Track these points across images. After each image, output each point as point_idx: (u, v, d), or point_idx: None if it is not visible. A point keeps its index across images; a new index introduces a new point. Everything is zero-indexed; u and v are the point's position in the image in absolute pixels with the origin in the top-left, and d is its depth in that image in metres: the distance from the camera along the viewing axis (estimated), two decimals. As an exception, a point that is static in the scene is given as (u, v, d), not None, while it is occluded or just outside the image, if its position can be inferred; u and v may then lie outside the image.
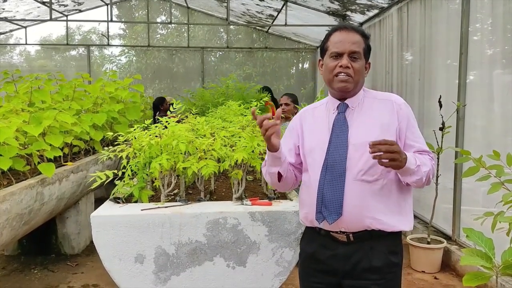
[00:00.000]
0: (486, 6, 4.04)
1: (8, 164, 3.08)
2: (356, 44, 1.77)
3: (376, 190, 1.74)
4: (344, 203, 1.73)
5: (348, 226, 1.76)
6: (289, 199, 3.03)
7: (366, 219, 1.74)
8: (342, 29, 1.81)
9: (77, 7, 9.14)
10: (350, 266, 1.78)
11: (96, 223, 2.63)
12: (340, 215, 1.74)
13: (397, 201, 1.78)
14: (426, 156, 1.79)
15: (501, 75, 3.84)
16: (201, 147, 2.92)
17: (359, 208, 1.73)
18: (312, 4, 7.12)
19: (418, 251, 4.16)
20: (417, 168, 1.67)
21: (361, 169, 1.74)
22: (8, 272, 4.15)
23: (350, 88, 1.79)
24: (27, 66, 9.84)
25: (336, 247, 1.81)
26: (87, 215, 4.76)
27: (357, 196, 1.73)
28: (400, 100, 1.84)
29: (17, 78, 4.83)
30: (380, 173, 1.73)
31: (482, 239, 2.36)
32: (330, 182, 1.75)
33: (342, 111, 1.84)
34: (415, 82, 5.35)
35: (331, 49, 1.80)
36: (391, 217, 1.76)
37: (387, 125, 1.77)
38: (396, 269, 1.83)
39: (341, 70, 1.76)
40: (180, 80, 10.05)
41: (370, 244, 1.77)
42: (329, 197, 1.75)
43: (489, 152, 2.44)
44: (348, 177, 1.74)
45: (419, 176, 1.68)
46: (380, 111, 1.81)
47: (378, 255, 1.77)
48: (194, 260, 2.68)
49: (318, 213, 1.79)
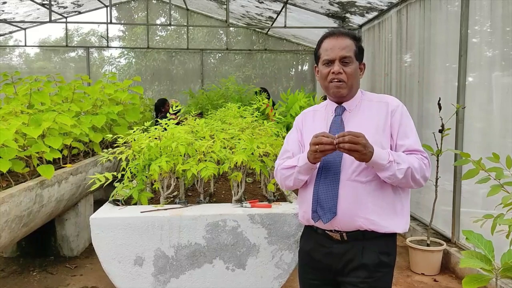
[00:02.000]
0: (485, 9, 4.04)
1: (8, 166, 3.07)
2: (346, 49, 1.83)
3: (370, 190, 1.78)
4: (338, 203, 1.79)
5: (341, 226, 1.81)
6: (288, 201, 3.03)
7: (359, 219, 1.78)
8: (331, 36, 1.88)
9: (76, 9, 9.14)
10: (342, 264, 1.84)
11: (95, 225, 2.63)
12: (335, 215, 1.79)
13: (392, 202, 1.81)
14: (413, 155, 1.79)
15: (500, 77, 3.84)
16: (200, 149, 2.92)
17: (353, 208, 1.78)
18: (311, 6, 7.13)
19: (418, 253, 4.16)
20: (389, 164, 1.69)
21: (354, 170, 1.78)
22: (7, 274, 4.14)
23: (344, 93, 1.86)
24: (26, 68, 9.83)
25: (331, 245, 1.86)
26: (86, 217, 4.76)
27: (351, 196, 1.78)
28: (394, 102, 1.89)
29: (16, 80, 4.82)
30: (374, 174, 1.77)
31: (481, 241, 2.35)
32: (325, 182, 1.81)
33: (339, 113, 1.90)
34: (414, 84, 5.35)
35: (323, 56, 1.87)
36: (384, 218, 1.79)
37: (382, 127, 1.82)
38: (387, 270, 1.85)
39: (334, 76, 1.83)
40: (180, 82, 10.05)
41: (363, 244, 1.82)
42: (324, 197, 1.81)
43: (488, 154, 2.44)
44: (342, 177, 1.79)
45: (392, 172, 1.70)
46: (375, 113, 1.86)
47: (368, 254, 1.81)
48: (194, 262, 2.68)
49: (314, 212, 1.84)
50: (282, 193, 3.28)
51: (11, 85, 4.72)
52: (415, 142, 1.84)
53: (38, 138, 3.49)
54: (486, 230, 2.39)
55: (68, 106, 4.38)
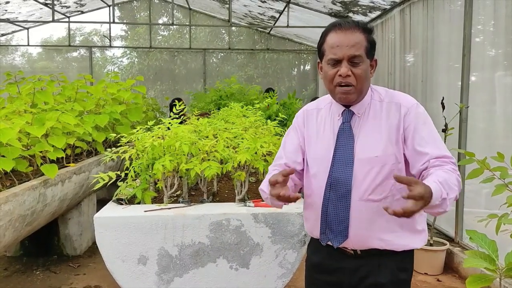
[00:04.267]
0: (488, 8, 4.04)
1: (11, 165, 3.08)
2: (355, 47, 1.56)
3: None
4: (350, 226, 1.61)
5: (354, 246, 1.66)
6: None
7: (375, 241, 1.62)
8: (338, 28, 1.59)
9: (79, 8, 9.16)
10: (356, 279, 1.68)
11: (99, 224, 2.63)
12: (346, 238, 1.63)
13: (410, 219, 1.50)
14: (447, 169, 1.50)
15: (504, 76, 3.83)
16: (204, 148, 2.92)
17: (366, 230, 1.61)
18: (314, 5, 7.12)
19: (421, 253, 4.15)
20: (441, 202, 1.37)
21: (367, 188, 1.59)
22: (10, 273, 4.15)
23: (352, 99, 1.63)
24: (29, 67, 9.86)
25: (343, 260, 1.70)
26: (89, 216, 4.77)
27: (364, 218, 1.60)
28: (409, 102, 1.64)
29: (19, 79, 4.83)
30: (389, 189, 1.58)
31: (485, 241, 2.35)
32: (335, 202, 1.63)
33: (347, 120, 1.67)
34: (417, 84, 5.35)
35: (328, 54, 1.60)
36: (401, 236, 1.63)
37: (395, 135, 1.60)
38: (405, 286, 1.70)
39: (341, 80, 1.58)
40: (182, 82, 10.06)
41: (379, 261, 1.66)
42: (334, 219, 1.63)
43: (491, 154, 2.44)
44: (354, 196, 1.60)
45: (443, 209, 1.40)
46: (387, 117, 1.63)
47: (385, 272, 1.65)
48: (197, 261, 2.68)
49: (322, 234, 1.69)
50: (285, 192, 3.28)
51: (14, 85, 4.73)
52: (438, 147, 1.59)
53: (42, 137, 3.49)
54: (489, 229, 2.39)
55: (71, 105, 4.38)
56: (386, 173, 1.58)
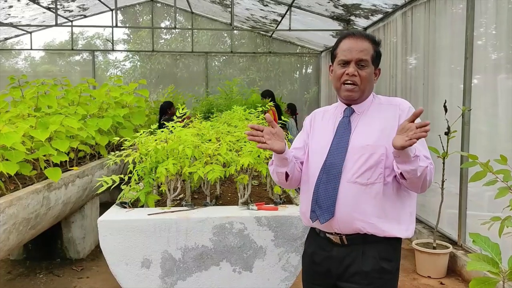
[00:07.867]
0: (490, 11, 4.04)
1: (15, 169, 3.09)
2: (363, 52, 1.79)
3: (372, 194, 1.75)
4: (336, 204, 1.76)
5: (340, 227, 1.79)
6: (295, 204, 3.04)
7: (358, 222, 1.76)
8: (351, 37, 1.84)
9: (82, 12, 9.21)
10: (342, 268, 1.81)
11: (103, 227, 2.64)
12: (332, 215, 1.77)
13: (393, 206, 1.78)
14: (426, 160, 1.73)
15: (506, 79, 3.84)
16: (207, 152, 2.93)
17: (351, 210, 1.75)
18: (316, 9, 7.15)
19: (424, 256, 4.15)
20: (414, 158, 1.62)
21: (355, 172, 1.76)
22: (13, 277, 4.16)
23: (355, 97, 1.83)
24: (31, 71, 9.91)
25: (331, 249, 1.85)
26: (92, 219, 4.78)
27: (350, 198, 1.76)
28: (404, 105, 1.84)
29: (23, 83, 4.86)
30: (377, 177, 1.75)
31: (488, 244, 2.35)
32: (326, 183, 1.79)
33: (348, 115, 1.87)
34: (419, 87, 5.35)
35: (339, 56, 1.83)
36: (385, 222, 1.76)
37: (389, 130, 1.76)
38: (389, 277, 1.81)
39: (348, 78, 1.80)
40: (184, 85, 10.09)
41: (363, 248, 1.79)
42: (323, 197, 1.79)
43: (494, 157, 2.44)
44: (343, 179, 1.77)
45: (414, 167, 1.62)
46: (383, 115, 1.83)
47: (368, 260, 1.78)
48: (201, 264, 2.69)
49: (312, 212, 1.83)
50: (288, 195, 3.29)
51: (18, 89, 4.75)
52: (423, 147, 1.77)
53: (45, 141, 3.51)
54: (492, 232, 2.39)
55: (75, 109, 4.40)
56: (374, 160, 1.76)
